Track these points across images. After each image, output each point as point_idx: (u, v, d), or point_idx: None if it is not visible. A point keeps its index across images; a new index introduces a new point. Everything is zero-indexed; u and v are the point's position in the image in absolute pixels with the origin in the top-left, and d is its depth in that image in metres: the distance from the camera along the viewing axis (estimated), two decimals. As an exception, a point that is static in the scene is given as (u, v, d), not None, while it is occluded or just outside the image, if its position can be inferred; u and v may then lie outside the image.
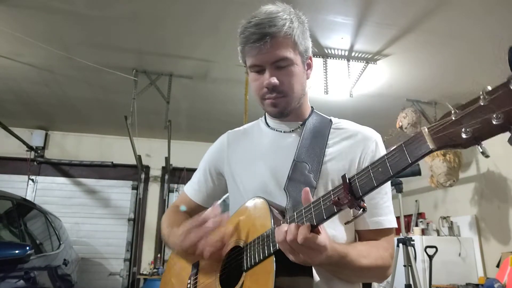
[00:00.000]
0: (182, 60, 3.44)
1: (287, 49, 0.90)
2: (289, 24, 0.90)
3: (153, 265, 5.08)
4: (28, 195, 5.02)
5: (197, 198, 1.13)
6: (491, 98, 0.47)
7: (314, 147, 0.93)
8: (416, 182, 4.75)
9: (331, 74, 3.47)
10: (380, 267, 0.85)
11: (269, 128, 1.04)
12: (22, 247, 2.52)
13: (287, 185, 0.89)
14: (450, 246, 4.04)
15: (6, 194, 3.04)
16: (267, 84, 0.91)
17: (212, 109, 4.50)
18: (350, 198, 0.62)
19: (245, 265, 0.82)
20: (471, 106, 0.49)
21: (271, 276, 0.74)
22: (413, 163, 0.56)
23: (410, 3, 2.62)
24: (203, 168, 1.13)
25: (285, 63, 0.90)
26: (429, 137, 0.54)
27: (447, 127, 0.52)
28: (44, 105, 4.46)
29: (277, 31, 0.88)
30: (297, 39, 0.91)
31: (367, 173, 0.62)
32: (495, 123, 0.46)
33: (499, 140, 3.07)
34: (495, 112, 0.46)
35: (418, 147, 0.55)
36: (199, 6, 2.68)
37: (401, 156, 0.57)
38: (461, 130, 0.50)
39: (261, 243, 0.80)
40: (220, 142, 1.13)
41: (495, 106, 0.46)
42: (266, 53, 0.89)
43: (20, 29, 2.92)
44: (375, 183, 0.61)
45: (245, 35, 0.90)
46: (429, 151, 0.54)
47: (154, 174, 5.61)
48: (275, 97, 0.93)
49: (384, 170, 0.60)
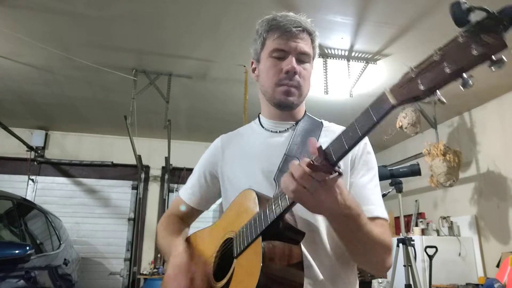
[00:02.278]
0: (181, 60, 3.45)
1: (309, 47, 0.99)
2: (316, 33, 1.01)
3: (153, 264, 5.09)
4: (28, 195, 5.03)
5: (191, 202, 1.14)
6: (442, 52, 0.52)
7: (305, 144, 0.95)
8: (416, 182, 4.75)
9: (331, 74, 3.47)
10: (385, 244, 0.83)
11: (263, 129, 1.05)
12: (22, 247, 2.53)
13: (277, 176, 0.90)
14: (450, 246, 4.04)
15: (6, 194, 3.04)
16: (291, 68, 0.95)
17: (211, 109, 4.50)
18: (325, 163, 0.65)
19: (235, 252, 0.84)
20: (425, 62, 0.54)
21: (259, 257, 0.74)
22: (379, 121, 0.60)
23: (409, 2, 2.62)
24: (197, 172, 1.14)
25: (306, 59, 0.98)
26: (390, 94, 0.58)
27: (406, 82, 0.56)
28: (44, 105, 4.47)
29: (312, 31, 0.99)
30: (315, 43, 1.01)
31: (338, 139, 0.65)
32: (447, 72, 0.51)
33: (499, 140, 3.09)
34: (446, 62, 0.51)
35: (381, 106, 0.59)
36: (198, 6, 2.68)
37: (367, 117, 0.61)
38: (418, 83, 0.54)
39: (249, 227, 0.82)
40: (214, 145, 1.14)
41: (446, 58, 0.51)
42: (297, 42, 0.96)
43: (20, 29, 2.92)
44: (346, 146, 0.63)
45: (280, 20, 0.97)
46: (391, 107, 0.58)
47: (154, 173, 5.61)
48: (291, 85, 0.97)
49: (353, 133, 0.63)
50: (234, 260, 0.84)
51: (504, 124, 3.93)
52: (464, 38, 0.50)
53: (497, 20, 0.48)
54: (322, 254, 0.88)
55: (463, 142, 4.35)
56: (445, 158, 3.84)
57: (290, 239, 0.78)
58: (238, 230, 0.86)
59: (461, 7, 0.51)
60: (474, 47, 0.49)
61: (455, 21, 0.51)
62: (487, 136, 4.11)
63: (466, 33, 0.50)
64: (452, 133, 4.58)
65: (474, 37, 0.49)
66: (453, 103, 3.84)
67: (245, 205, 0.88)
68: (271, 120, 1.05)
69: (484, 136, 4.16)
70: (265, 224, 0.77)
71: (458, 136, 4.48)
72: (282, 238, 0.77)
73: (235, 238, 0.86)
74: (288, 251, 0.77)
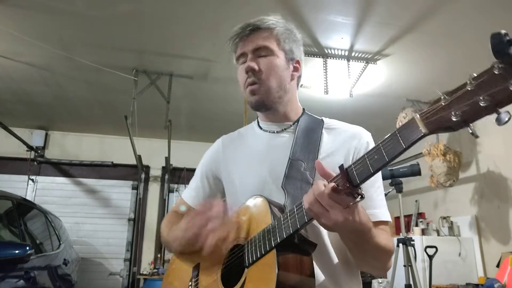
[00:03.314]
0: (182, 60, 3.44)
1: (269, 40, 0.97)
2: (273, 22, 0.98)
3: (153, 265, 5.08)
4: (28, 195, 5.03)
5: (194, 203, 1.13)
6: (477, 82, 0.50)
7: (308, 145, 0.94)
8: (416, 182, 4.75)
9: (331, 74, 3.47)
10: (388, 250, 0.84)
11: (261, 130, 1.05)
12: (22, 247, 2.52)
13: (284, 183, 0.90)
14: (450, 246, 4.04)
15: (6, 194, 3.04)
16: (246, 68, 0.96)
17: (212, 109, 4.50)
18: (348, 186, 0.64)
19: (247, 261, 0.83)
20: (459, 91, 0.52)
21: (273, 269, 0.74)
22: (407, 148, 0.58)
23: (410, 3, 2.62)
24: (199, 173, 1.14)
25: (265, 52, 0.97)
26: (421, 122, 0.56)
27: (438, 111, 0.54)
28: (44, 105, 4.46)
29: (259, 23, 0.98)
30: (280, 36, 0.98)
31: (363, 161, 0.64)
32: (482, 105, 0.49)
33: (500, 141, 3.08)
34: (481, 95, 0.49)
35: (411, 133, 0.58)
36: (199, 5, 2.68)
37: (395, 142, 0.59)
38: (450, 113, 0.52)
39: (262, 238, 0.81)
40: (215, 146, 1.14)
41: (481, 90, 0.49)
42: (247, 41, 0.97)
43: (20, 29, 2.92)
44: (371, 170, 0.62)
45: (233, 31, 0.99)
46: (422, 136, 0.56)
47: (154, 174, 5.61)
48: (253, 83, 0.96)
49: (380, 157, 0.61)
50: (245, 269, 0.83)
51: (504, 124, 3.92)
52: (500, 70, 0.48)
53: None
54: (326, 258, 0.88)
55: (464, 142, 4.35)
56: (445, 158, 3.84)
57: (303, 250, 0.79)
58: (250, 239, 0.85)
59: (503, 39, 0.49)
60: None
61: (495, 52, 0.50)
62: (487, 137, 4.11)
63: (503, 65, 0.48)
64: (453, 133, 4.56)
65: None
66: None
67: (256, 213, 0.87)
68: (266, 122, 1.05)
69: (484, 136, 4.16)
70: (280, 238, 0.76)
71: (459, 136, 4.47)
72: (295, 250, 0.78)
73: (246, 246, 0.85)
74: (300, 262, 0.77)
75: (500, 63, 0.48)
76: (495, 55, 0.49)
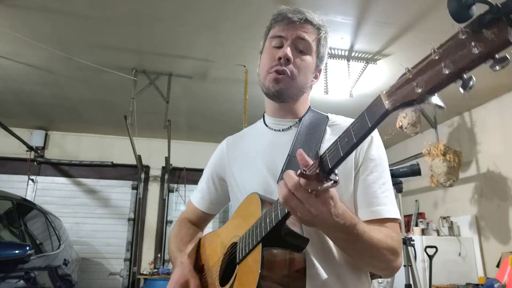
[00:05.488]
0: (181, 60, 3.44)
1: (312, 38, 0.96)
2: (322, 24, 0.99)
3: (153, 265, 5.08)
4: (28, 195, 5.03)
5: (202, 206, 1.13)
6: (441, 50, 0.47)
7: (309, 142, 0.92)
8: (416, 182, 4.75)
9: (331, 74, 3.47)
10: (390, 248, 0.80)
11: (267, 128, 1.03)
12: (22, 247, 2.52)
13: (280, 179, 0.88)
14: (450, 246, 4.04)
15: (6, 194, 3.04)
16: (283, 54, 0.92)
17: (211, 109, 4.50)
18: (318, 172, 0.60)
19: (238, 258, 0.83)
20: (423, 62, 0.49)
21: (258, 264, 0.73)
22: (373, 126, 0.56)
23: (410, 2, 2.62)
24: (206, 176, 1.14)
25: (304, 47, 0.95)
26: (386, 98, 0.53)
27: (402, 85, 0.52)
28: (44, 105, 4.46)
29: (312, 20, 0.97)
30: (321, 40, 0.99)
31: (335, 145, 0.61)
32: (445, 73, 0.46)
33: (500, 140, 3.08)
34: (444, 62, 0.46)
35: (376, 110, 0.55)
36: (198, 5, 2.68)
37: (363, 122, 0.57)
38: (414, 85, 0.50)
39: (250, 233, 0.81)
40: (220, 148, 1.13)
41: (445, 57, 0.47)
42: (295, 28, 0.94)
43: (20, 29, 2.92)
44: (341, 153, 0.59)
45: (285, 11, 0.96)
46: (385, 111, 0.53)
47: (154, 174, 5.61)
48: (282, 72, 0.93)
49: (349, 139, 0.59)
50: (237, 266, 0.83)
51: (504, 124, 3.93)
52: (465, 34, 0.45)
53: (501, 14, 0.42)
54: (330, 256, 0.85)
55: (463, 142, 4.35)
56: (445, 158, 3.84)
57: (293, 245, 0.76)
58: (242, 235, 0.85)
59: (461, 1, 0.47)
60: (474, 45, 0.44)
61: (454, 16, 0.47)
62: (487, 136, 4.11)
63: (467, 29, 0.45)
64: (452, 133, 4.58)
65: (475, 33, 0.44)
66: (453, 103, 3.83)
67: (250, 210, 0.86)
68: (273, 118, 1.02)
69: (484, 136, 4.16)
70: (265, 231, 0.74)
71: (458, 136, 4.47)
72: (284, 244, 0.75)
73: (238, 243, 0.85)
74: (289, 259, 0.75)
75: (465, 27, 0.45)
76: (456, 20, 0.47)
